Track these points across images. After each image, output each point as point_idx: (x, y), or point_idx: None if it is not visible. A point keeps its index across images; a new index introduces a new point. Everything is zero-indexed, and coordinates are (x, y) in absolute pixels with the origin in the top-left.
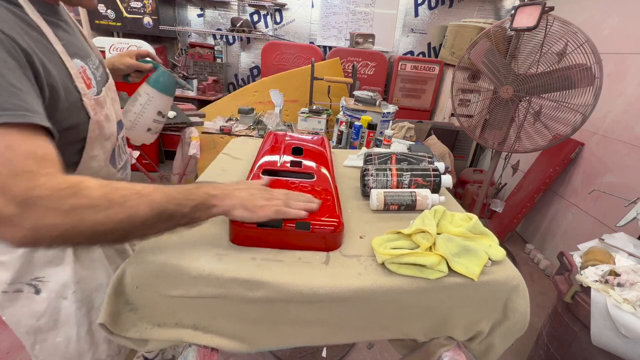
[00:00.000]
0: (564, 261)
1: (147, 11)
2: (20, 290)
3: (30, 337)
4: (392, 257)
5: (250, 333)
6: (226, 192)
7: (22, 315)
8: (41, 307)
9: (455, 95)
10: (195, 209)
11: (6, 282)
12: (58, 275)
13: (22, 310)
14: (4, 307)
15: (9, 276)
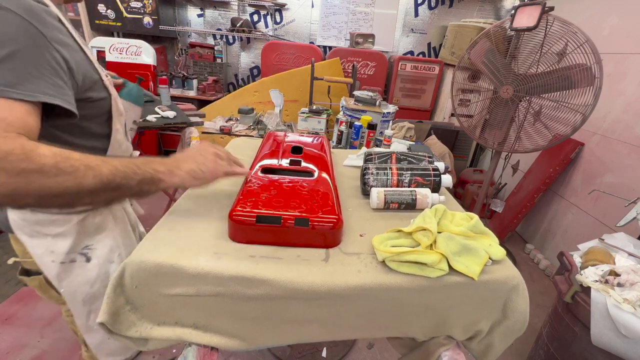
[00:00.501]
0: (564, 261)
1: (147, 11)
2: (74, 260)
3: (86, 306)
4: (392, 255)
5: (249, 331)
6: (171, 168)
7: (77, 285)
8: (93, 273)
9: (455, 95)
10: (141, 182)
11: (63, 253)
12: (103, 242)
13: (77, 280)
14: (62, 279)
15: (66, 246)
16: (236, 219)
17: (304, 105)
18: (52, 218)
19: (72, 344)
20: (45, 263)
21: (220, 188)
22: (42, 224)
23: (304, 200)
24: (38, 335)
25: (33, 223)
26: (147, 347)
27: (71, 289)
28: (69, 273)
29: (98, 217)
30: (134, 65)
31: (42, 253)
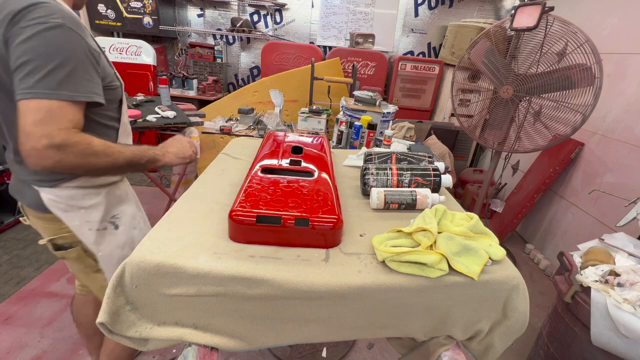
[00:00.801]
0: (564, 261)
1: (147, 11)
2: (105, 228)
3: None
4: (392, 255)
5: (249, 331)
6: (163, 151)
7: (111, 249)
8: (122, 238)
9: (455, 95)
10: (148, 162)
11: (97, 221)
12: (126, 211)
13: (110, 244)
14: (99, 244)
15: (99, 215)
16: (236, 219)
17: (304, 105)
18: (84, 192)
19: (72, 344)
20: (83, 232)
21: (221, 188)
22: (76, 198)
23: (304, 201)
24: (38, 335)
25: (68, 198)
26: (147, 347)
27: (106, 253)
28: (103, 239)
29: (117, 191)
30: (134, 65)
31: (79, 224)
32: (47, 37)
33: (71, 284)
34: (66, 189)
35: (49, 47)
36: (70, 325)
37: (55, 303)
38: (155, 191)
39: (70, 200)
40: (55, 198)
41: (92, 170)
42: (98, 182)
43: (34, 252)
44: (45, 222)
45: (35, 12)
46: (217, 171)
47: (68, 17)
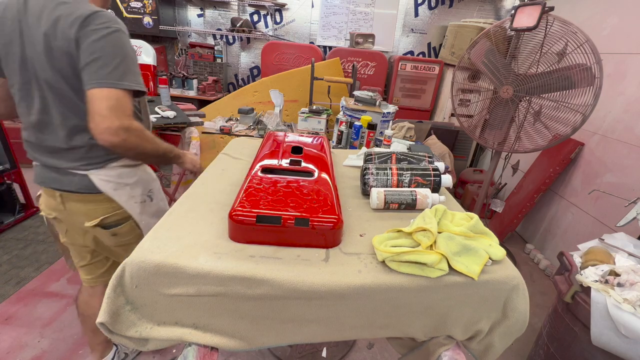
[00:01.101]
0: (564, 261)
1: (147, 11)
2: (144, 201)
3: None
4: (392, 255)
5: (249, 331)
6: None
7: (149, 217)
8: (155, 208)
9: (455, 95)
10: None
11: (139, 195)
12: (155, 187)
13: (149, 214)
14: (142, 214)
15: (140, 190)
16: (236, 219)
17: (304, 105)
18: (128, 171)
19: (72, 344)
20: (131, 205)
21: (221, 188)
22: (123, 176)
23: (304, 200)
24: (38, 335)
25: (116, 177)
26: (147, 347)
27: (147, 222)
28: (144, 210)
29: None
30: None
31: (127, 199)
32: (112, 39)
33: (71, 284)
34: (114, 168)
35: (114, 47)
36: (70, 325)
37: (55, 303)
38: None
39: (118, 179)
40: (105, 178)
41: (142, 153)
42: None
43: (34, 252)
44: (94, 204)
45: (99, 18)
46: (217, 171)
47: (121, 24)
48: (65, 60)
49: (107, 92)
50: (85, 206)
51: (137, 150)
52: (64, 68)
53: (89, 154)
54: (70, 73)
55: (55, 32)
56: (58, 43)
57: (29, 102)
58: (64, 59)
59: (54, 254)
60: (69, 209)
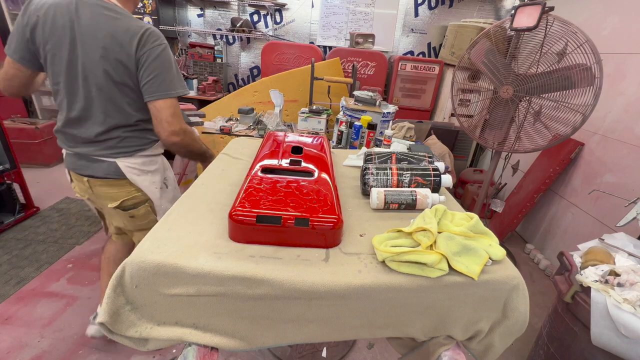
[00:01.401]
0: (564, 261)
1: (147, 11)
2: (162, 187)
3: None
4: (392, 255)
5: (249, 331)
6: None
7: (165, 202)
8: (171, 195)
9: (455, 95)
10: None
11: (159, 181)
12: (170, 176)
13: (166, 199)
14: (160, 198)
15: (159, 178)
16: (236, 219)
17: (304, 105)
18: (150, 160)
19: (72, 344)
20: (152, 190)
21: (220, 188)
22: (146, 164)
23: (304, 200)
24: (38, 335)
25: (140, 164)
26: (147, 347)
27: (164, 207)
28: (162, 195)
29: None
30: None
31: (148, 184)
32: (164, 55)
33: (71, 284)
34: (139, 157)
35: (167, 63)
36: (70, 325)
37: (55, 303)
38: None
39: (142, 166)
40: (131, 165)
41: (191, 151)
42: (157, 152)
43: (34, 252)
44: (116, 188)
45: (152, 37)
46: (217, 171)
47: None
48: (120, 70)
49: (169, 102)
50: (110, 190)
51: (188, 148)
52: (116, 76)
53: (119, 144)
54: (121, 80)
55: (113, 45)
56: (116, 55)
57: (72, 99)
58: (119, 69)
59: (54, 254)
60: (96, 193)
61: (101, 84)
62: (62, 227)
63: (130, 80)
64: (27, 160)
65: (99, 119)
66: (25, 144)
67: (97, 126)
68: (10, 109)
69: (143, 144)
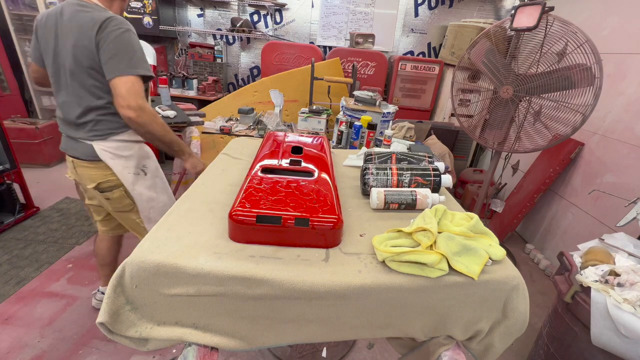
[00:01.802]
0: (564, 261)
1: (147, 11)
2: (138, 173)
3: (148, 204)
4: (392, 255)
5: (249, 331)
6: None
7: (142, 189)
8: (149, 182)
9: (455, 95)
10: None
11: (133, 167)
12: (150, 164)
13: (141, 186)
14: (134, 184)
15: (134, 163)
16: (236, 219)
17: (304, 105)
18: (125, 145)
19: (72, 344)
20: (124, 175)
21: (220, 188)
22: (119, 149)
23: (304, 200)
24: (38, 335)
25: (114, 149)
26: (147, 347)
27: (139, 192)
28: (137, 181)
29: (144, 148)
30: None
31: (122, 169)
32: (124, 37)
33: (71, 284)
34: (113, 141)
35: (127, 44)
36: (70, 325)
37: (55, 303)
38: None
39: (115, 150)
40: (105, 148)
41: (150, 132)
42: (133, 138)
43: (34, 252)
44: (94, 170)
45: (113, 21)
46: (217, 171)
47: (130, 25)
48: (85, 54)
49: (125, 79)
50: (89, 171)
51: (146, 127)
52: (84, 61)
53: (94, 128)
54: (88, 65)
55: (80, 34)
56: (82, 42)
57: (58, 87)
58: (85, 54)
59: (54, 254)
60: (79, 173)
61: (73, 69)
62: (62, 227)
63: (95, 64)
64: (27, 160)
65: (75, 102)
66: (25, 144)
67: (75, 109)
68: (10, 109)
69: (115, 128)
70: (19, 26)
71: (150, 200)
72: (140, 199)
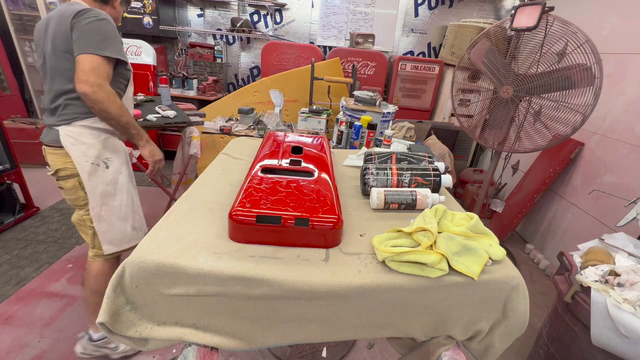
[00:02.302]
0: (564, 261)
1: (147, 11)
2: (98, 165)
3: (100, 199)
4: (392, 255)
5: (249, 331)
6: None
7: (98, 182)
8: (109, 177)
9: (455, 95)
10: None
11: (93, 157)
12: (117, 159)
13: (98, 178)
14: (90, 175)
15: (94, 153)
16: (236, 219)
17: (304, 105)
18: (88, 132)
19: (72, 344)
20: (81, 162)
21: (220, 188)
22: (82, 135)
23: (304, 200)
24: (38, 335)
25: (77, 134)
26: (147, 347)
27: (94, 184)
28: (95, 173)
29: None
30: (134, 65)
31: (80, 155)
32: (97, 24)
33: (71, 284)
34: (77, 127)
35: (99, 29)
36: (70, 325)
37: (55, 303)
38: (156, 191)
39: (78, 136)
40: (68, 133)
41: (105, 110)
42: (99, 126)
43: (34, 252)
44: (56, 156)
45: (90, 11)
46: (217, 171)
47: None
48: (63, 39)
49: (90, 57)
50: (52, 157)
51: (101, 105)
52: (60, 45)
53: (62, 112)
54: (63, 49)
55: (60, 22)
56: (61, 28)
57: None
58: (62, 38)
59: (54, 254)
60: (49, 160)
61: (50, 55)
62: (62, 227)
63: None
64: (27, 160)
65: (50, 87)
66: (25, 144)
67: (49, 94)
68: (10, 109)
69: (81, 113)
70: (19, 26)
71: (105, 195)
72: (93, 192)
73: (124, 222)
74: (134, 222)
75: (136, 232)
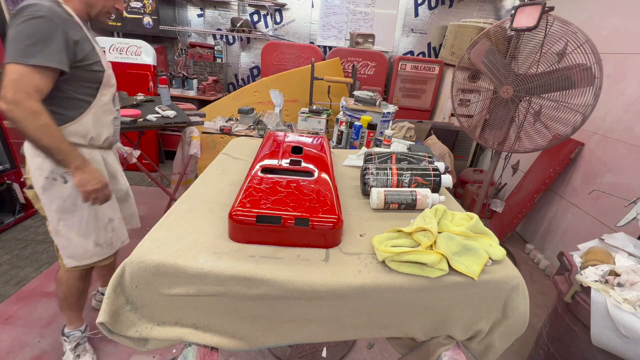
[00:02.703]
0: (564, 261)
1: (147, 11)
2: (55, 179)
3: (57, 214)
4: (392, 255)
5: (249, 331)
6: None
7: (54, 197)
8: (67, 192)
9: (455, 95)
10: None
11: (48, 170)
12: None
13: (55, 193)
14: (45, 189)
15: (49, 167)
16: (236, 219)
17: (304, 105)
18: None
19: None
20: (35, 176)
21: (220, 188)
22: None
23: (304, 200)
24: (38, 335)
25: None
26: (147, 347)
27: (49, 199)
28: (51, 186)
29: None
30: (134, 65)
31: (35, 169)
32: (31, 23)
33: None
34: None
35: (31, 30)
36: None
37: (55, 303)
38: (156, 191)
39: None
40: (29, 146)
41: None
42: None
43: (34, 252)
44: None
45: (28, 8)
46: (217, 171)
47: (52, 12)
48: None
49: (13, 68)
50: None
51: (18, 125)
52: None
53: None
54: None
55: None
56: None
57: None
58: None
59: (54, 254)
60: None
61: None
62: None
63: None
64: None
65: None
66: None
67: None
68: None
69: None
70: None
71: (62, 211)
72: (49, 207)
73: (84, 238)
74: (97, 238)
75: (100, 249)
